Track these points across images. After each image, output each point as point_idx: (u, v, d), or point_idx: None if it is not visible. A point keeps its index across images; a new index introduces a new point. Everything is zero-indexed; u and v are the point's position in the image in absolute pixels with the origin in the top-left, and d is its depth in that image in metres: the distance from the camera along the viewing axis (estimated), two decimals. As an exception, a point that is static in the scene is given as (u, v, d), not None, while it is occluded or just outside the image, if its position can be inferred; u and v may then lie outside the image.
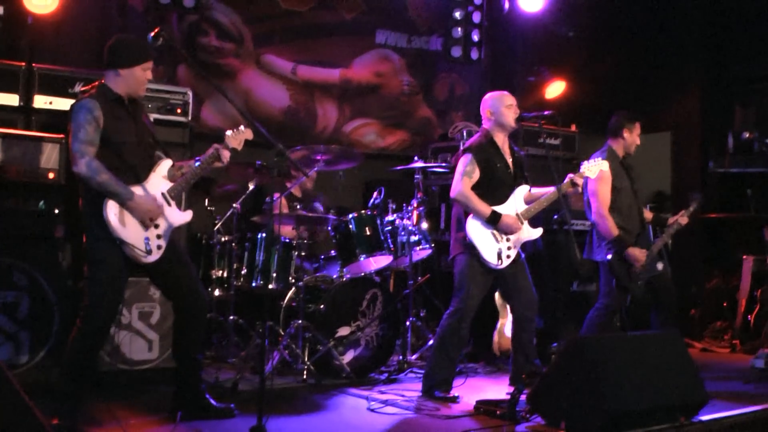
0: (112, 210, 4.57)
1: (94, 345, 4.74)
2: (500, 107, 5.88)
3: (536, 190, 5.94)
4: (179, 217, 4.91)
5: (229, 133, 5.07)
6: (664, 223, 6.59)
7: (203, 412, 4.93)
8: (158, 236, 4.75)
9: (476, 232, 5.70)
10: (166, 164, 4.92)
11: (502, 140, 5.94)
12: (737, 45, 9.90)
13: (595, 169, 5.97)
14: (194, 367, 5.00)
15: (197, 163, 4.94)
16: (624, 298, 6.39)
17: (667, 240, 6.47)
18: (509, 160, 5.93)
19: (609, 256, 6.26)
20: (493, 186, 5.81)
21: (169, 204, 4.85)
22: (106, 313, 4.69)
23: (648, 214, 6.63)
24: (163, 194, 4.83)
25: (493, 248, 5.71)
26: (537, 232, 5.93)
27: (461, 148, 5.91)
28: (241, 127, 5.12)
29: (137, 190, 4.68)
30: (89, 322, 4.65)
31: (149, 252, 4.68)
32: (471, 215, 5.72)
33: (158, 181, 4.85)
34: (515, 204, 5.85)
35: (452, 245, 5.92)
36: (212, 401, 5.00)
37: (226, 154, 4.99)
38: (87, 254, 4.69)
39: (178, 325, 5.06)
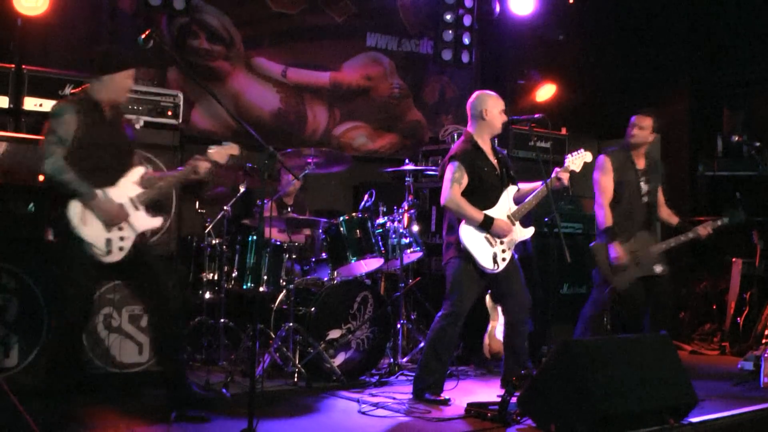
0: (74, 208, 4.72)
1: (71, 343, 4.80)
2: (495, 110, 5.88)
3: (524, 185, 5.96)
4: (146, 222, 5.03)
5: (212, 148, 5.15)
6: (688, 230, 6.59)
7: (200, 406, 4.99)
8: (121, 238, 4.86)
9: (470, 237, 5.69)
10: (138, 171, 5.05)
11: (486, 143, 5.94)
12: (726, 49, 9.95)
13: (579, 161, 6.00)
14: (177, 366, 5.06)
15: (175, 173, 5.09)
16: (609, 292, 6.39)
17: (673, 244, 6.48)
18: (495, 162, 5.93)
19: (593, 243, 6.35)
20: (482, 190, 5.80)
21: (136, 209, 4.96)
22: (78, 311, 4.78)
23: (674, 219, 6.68)
24: (131, 199, 4.94)
25: (488, 253, 5.71)
26: (529, 232, 5.94)
27: (447, 155, 5.90)
28: (228, 143, 5.23)
29: (101, 192, 4.79)
30: (63, 320, 4.77)
31: (109, 252, 4.80)
32: (463, 221, 5.72)
33: (127, 186, 4.96)
34: (506, 206, 5.85)
35: (445, 249, 5.91)
36: (202, 392, 5.14)
37: (204, 166, 5.09)
38: (56, 253, 4.84)
39: (152, 328, 5.17)
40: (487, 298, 7.02)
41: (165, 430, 4.71)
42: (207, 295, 6.83)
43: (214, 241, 6.84)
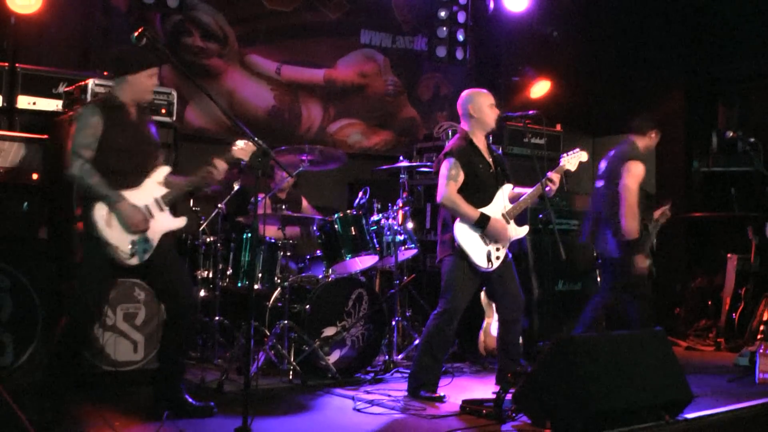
0: (99, 211, 4.67)
1: (77, 343, 4.81)
2: (484, 106, 5.85)
3: (519, 190, 5.95)
4: (171, 223, 4.98)
5: (237, 144, 5.04)
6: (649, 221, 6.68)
7: (182, 411, 4.94)
8: (145, 240, 4.81)
9: (464, 235, 5.68)
10: (162, 170, 4.99)
11: (481, 141, 5.92)
12: (721, 45, 9.95)
13: (575, 161, 5.98)
14: (174, 368, 5.04)
15: (193, 178, 5.04)
16: (620, 297, 6.39)
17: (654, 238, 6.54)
18: (490, 160, 5.92)
19: (619, 255, 6.30)
20: (478, 187, 5.79)
21: (161, 209, 4.92)
22: (90, 312, 4.77)
23: None
24: (156, 199, 4.90)
25: (482, 251, 5.70)
26: (524, 230, 5.93)
27: (442, 152, 5.89)
28: (247, 142, 5.07)
29: (128, 195, 4.75)
30: (74, 319, 4.73)
31: (133, 255, 4.75)
32: (458, 219, 5.71)
33: (152, 187, 4.92)
34: (501, 203, 5.85)
35: (439, 247, 5.90)
36: (191, 400, 5.03)
37: (221, 169, 5.01)
38: (76, 253, 4.79)
39: (165, 327, 5.14)
40: (483, 295, 7.01)
41: (157, 429, 4.70)
42: (202, 293, 6.81)
43: (208, 239, 6.83)
